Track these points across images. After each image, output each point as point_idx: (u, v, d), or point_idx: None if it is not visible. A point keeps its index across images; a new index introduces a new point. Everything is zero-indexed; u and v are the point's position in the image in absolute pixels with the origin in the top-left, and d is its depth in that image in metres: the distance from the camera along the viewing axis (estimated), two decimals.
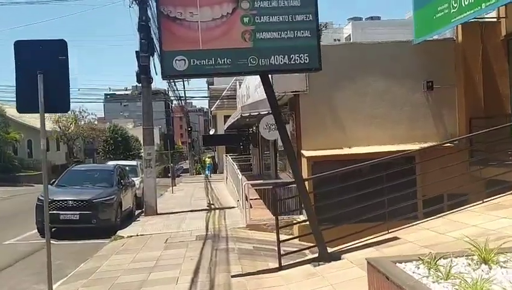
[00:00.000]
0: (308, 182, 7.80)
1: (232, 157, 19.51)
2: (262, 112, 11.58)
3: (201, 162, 45.87)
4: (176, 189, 22.02)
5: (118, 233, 10.62)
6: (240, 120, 15.64)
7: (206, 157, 39.17)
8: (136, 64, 13.42)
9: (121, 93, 78.91)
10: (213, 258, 7.50)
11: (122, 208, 12.22)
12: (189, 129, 47.40)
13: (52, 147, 40.92)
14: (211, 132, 39.92)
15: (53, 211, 10.82)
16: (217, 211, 13.30)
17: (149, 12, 12.84)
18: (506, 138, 8.61)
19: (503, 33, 10.75)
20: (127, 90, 74.95)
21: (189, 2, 5.71)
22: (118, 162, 19.52)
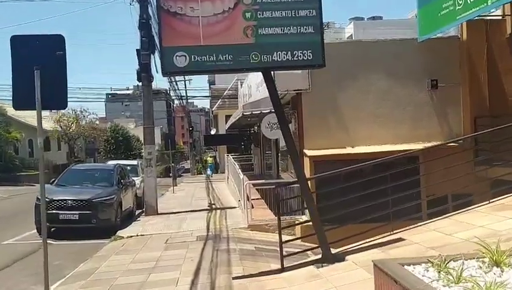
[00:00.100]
0: (310, 182, 7.65)
1: (233, 157, 19.39)
2: (264, 111, 11.45)
3: (202, 162, 45.77)
4: (177, 189, 21.91)
5: (118, 233, 10.49)
6: (242, 119, 15.50)
7: (208, 157, 39.03)
8: (136, 62, 13.34)
9: (122, 93, 78.87)
10: (214, 259, 7.36)
11: (122, 207, 12.09)
12: (191, 129, 47.33)
13: (53, 146, 40.90)
14: (212, 132, 39.81)
15: (52, 211, 10.72)
16: (218, 211, 13.16)
17: (150, 10, 12.74)
18: None
19: (509, 31, 10.61)
20: (128, 90, 74.93)
21: None
22: (119, 161, 19.40)
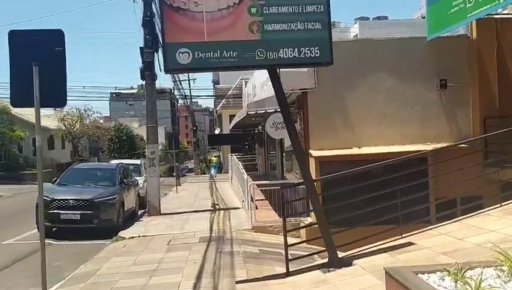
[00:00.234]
0: (316, 183, 7.45)
1: (237, 157, 19.20)
2: (269, 110, 11.24)
3: (206, 162, 45.59)
4: (180, 189, 21.73)
5: (120, 234, 10.33)
6: (246, 119, 15.30)
7: (213, 156, 38.87)
8: (140, 60, 13.18)
9: (126, 92, 78.99)
10: (217, 262, 7.18)
11: (124, 207, 11.93)
12: (195, 128, 47.14)
13: (57, 145, 40.83)
14: (216, 131, 39.62)
15: (54, 211, 10.61)
16: (221, 211, 12.98)
17: (153, 7, 12.56)
18: None
19: None
20: (132, 89, 75.04)
21: None
22: (122, 160, 19.26)
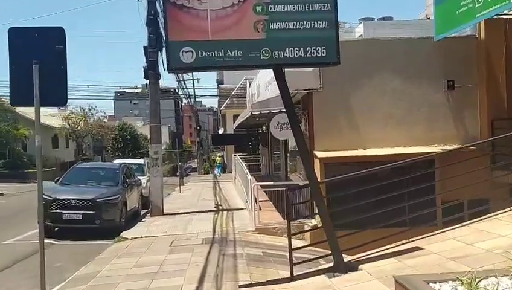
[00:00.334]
0: (321, 185, 7.31)
1: (241, 157, 19.08)
2: (274, 111, 11.11)
3: (209, 161, 45.49)
4: (184, 188, 21.66)
5: (122, 234, 10.24)
6: (250, 119, 15.18)
7: (217, 156, 38.74)
8: (144, 60, 13.11)
9: (131, 91, 79.03)
10: (220, 265, 7.06)
11: (127, 208, 11.85)
12: (199, 128, 47.07)
13: (61, 144, 40.89)
14: (220, 131, 39.54)
15: (56, 210, 10.54)
16: (224, 212, 12.87)
17: (158, 6, 12.46)
18: None
19: None
20: (137, 88, 75.05)
21: None
22: (125, 160, 19.21)
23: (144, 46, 12.94)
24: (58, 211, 10.50)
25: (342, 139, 10.19)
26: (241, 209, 13.04)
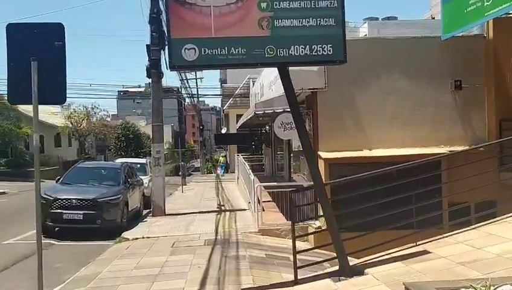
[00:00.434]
0: (326, 187, 7.16)
1: (244, 157, 18.95)
2: (277, 110, 10.98)
3: (212, 161, 45.37)
4: (186, 188, 21.52)
5: (123, 235, 10.12)
6: (253, 119, 15.05)
7: (220, 156, 38.66)
8: (146, 58, 12.98)
9: (134, 90, 79.04)
10: (222, 267, 6.92)
11: (128, 208, 11.73)
12: (201, 128, 46.93)
13: (64, 142, 40.86)
14: (223, 131, 39.46)
15: (56, 210, 10.44)
16: (227, 213, 12.73)
17: (161, 4, 12.33)
18: None
19: None
20: (140, 87, 75.09)
21: None
22: (127, 159, 19.10)
23: (147, 45, 12.82)
24: (58, 210, 10.39)
25: (347, 139, 10.04)
26: (244, 210, 12.90)
